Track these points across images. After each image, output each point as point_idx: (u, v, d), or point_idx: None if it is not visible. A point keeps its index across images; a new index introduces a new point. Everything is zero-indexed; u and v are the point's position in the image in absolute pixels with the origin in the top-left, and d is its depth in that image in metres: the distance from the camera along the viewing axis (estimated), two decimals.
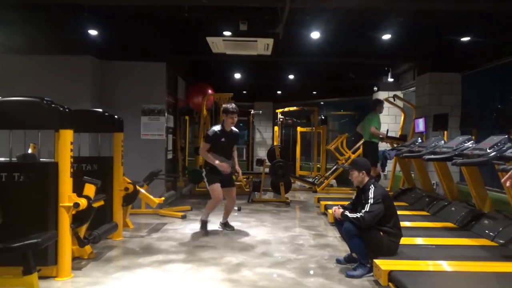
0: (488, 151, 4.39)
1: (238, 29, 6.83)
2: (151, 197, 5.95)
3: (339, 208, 4.20)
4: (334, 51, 8.16)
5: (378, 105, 8.23)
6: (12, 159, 4.08)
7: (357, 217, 3.93)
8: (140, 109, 7.50)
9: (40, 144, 4.32)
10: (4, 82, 6.67)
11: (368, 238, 3.95)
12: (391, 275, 3.50)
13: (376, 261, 3.75)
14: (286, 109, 13.39)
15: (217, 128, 5.61)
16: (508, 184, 2.58)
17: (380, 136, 8.16)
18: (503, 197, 5.53)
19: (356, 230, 3.95)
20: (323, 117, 12.44)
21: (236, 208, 7.54)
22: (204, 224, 5.82)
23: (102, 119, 5.20)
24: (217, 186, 5.52)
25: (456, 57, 7.80)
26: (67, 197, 3.79)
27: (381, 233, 3.98)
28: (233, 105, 5.63)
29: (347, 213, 4.04)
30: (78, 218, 3.98)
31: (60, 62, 6.96)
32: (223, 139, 5.55)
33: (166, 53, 7.78)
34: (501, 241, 4.60)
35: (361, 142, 9.13)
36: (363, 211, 3.93)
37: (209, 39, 6.86)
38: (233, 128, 5.69)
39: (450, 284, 3.55)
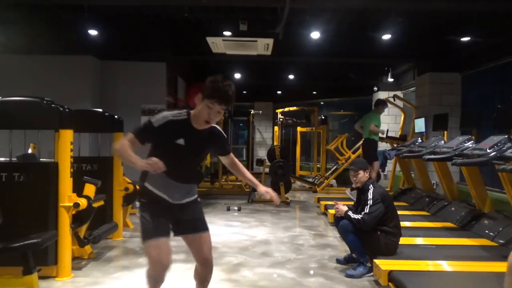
0: (488, 151, 4.39)
1: (238, 29, 6.83)
2: None
3: (342, 206, 4.19)
4: (334, 51, 8.16)
5: (381, 105, 8.23)
6: (12, 159, 4.08)
7: (357, 219, 3.93)
8: (140, 109, 7.50)
9: (40, 144, 4.32)
10: (4, 82, 6.67)
11: (365, 237, 3.96)
12: (391, 275, 3.50)
13: (376, 261, 3.75)
14: (286, 109, 13.39)
15: (173, 115, 2.54)
16: None
17: (380, 134, 8.15)
18: (503, 197, 5.53)
19: (351, 227, 3.96)
20: (323, 117, 12.45)
21: (236, 208, 7.56)
22: None
23: (102, 119, 5.20)
24: (158, 244, 2.53)
25: (456, 57, 7.80)
26: (67, 197, 3.79)
27: (378, 232, 3.99)
28: (230, 85, 2.51)
29: (349, 213, 4.04)
30: (78, 218, 3.98)
31: (60, 62, 6.97)
32: (182, 142, 2.52)
33: (166, 53, 7.79)
34: (501, 241, 4.60)
35: (361, 141, 9.12)
36: (363, 213, 3.94)
37: (209, 39, 6.86)
38: (215, 126, 2.68)
39: (450, 284, 3.55)
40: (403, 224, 4.57)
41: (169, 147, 2.51)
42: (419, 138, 7.26)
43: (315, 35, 7.35)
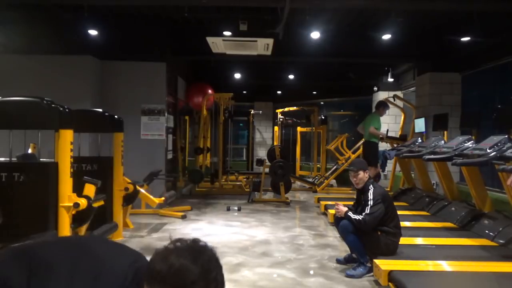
0: (488, 151, 4.39)
1: (238, 29, 6.82)
2: (151, 197, 5.95)
3: (343, 206, 4.18)
4: (334, 51, 8.16)
5: (382, 107, 8.25)
6: (12, 159, 4.08)
7: (358, 219, 3.93)
8: (140, 109, 7.50)
9: (40, 144, 4.32)
10: (4, 82, 6.66)
11: (365, 237, 3.96)
12: (391, 275, 3.50)
13: (376, 261, 3.75)
14: (286, 109, 13.40)
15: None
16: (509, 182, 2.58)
17: (380, 136, 8.18)
18: (503, 197, 5.52)
19: (351, 227, 3.96)
20: (323, 117, 12.45)
21: (236, 208, 7.56)
22: None
23: (102, 119, 5.20)
24: None
25: (456, 57, 7.79)
26: (67, 197, 3.79)
27: (378, 232, 3.99)
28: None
29: (350, 213, 4.04)
30: (78, 218, 3.97)
31: (60, 62, 6.96)
32: None
33: (166, 53, 7.78)
34: (501, 241, 4.60)
35: (361, 142, 9.14)
36: (363, 213, 3.93)
37: (209, 39, 6.85)
38: None
39: (450, 284, 3.55)
40: (403, 224, 4.57)
41: None
42: (419, 138, 7.26)
43: (315, 35, 7.34)
